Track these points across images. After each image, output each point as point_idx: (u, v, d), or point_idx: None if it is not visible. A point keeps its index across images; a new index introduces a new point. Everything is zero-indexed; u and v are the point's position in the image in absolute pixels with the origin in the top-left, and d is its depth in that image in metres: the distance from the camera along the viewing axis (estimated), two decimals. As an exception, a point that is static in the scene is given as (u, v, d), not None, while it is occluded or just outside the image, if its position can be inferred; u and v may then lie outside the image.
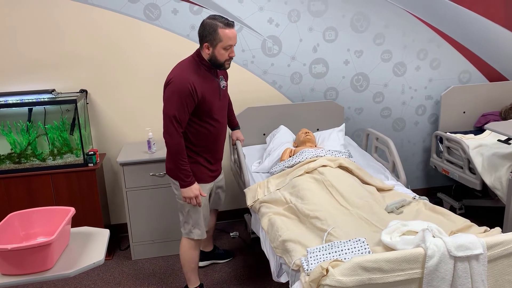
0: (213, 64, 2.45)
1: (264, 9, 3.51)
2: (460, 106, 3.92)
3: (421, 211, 2.50)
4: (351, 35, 3.71)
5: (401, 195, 2.69)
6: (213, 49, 2.39)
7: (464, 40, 3.91)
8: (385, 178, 3.03)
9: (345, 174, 2.71)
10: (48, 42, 3.28)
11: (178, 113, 2.35)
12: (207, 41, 2.37)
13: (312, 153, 2.93)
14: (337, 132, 3.44)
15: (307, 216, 2.37)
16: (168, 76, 2.42)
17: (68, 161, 3.23)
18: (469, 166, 3.45)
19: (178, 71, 2.41)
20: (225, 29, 2.34)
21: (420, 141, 4.10)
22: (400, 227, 2.03)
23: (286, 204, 2.57)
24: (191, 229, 2.66)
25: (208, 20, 2.37)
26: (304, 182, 2.64)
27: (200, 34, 2.40)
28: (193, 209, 2.61)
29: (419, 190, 4.19)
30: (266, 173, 3.19)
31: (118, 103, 3.49)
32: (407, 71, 3.89)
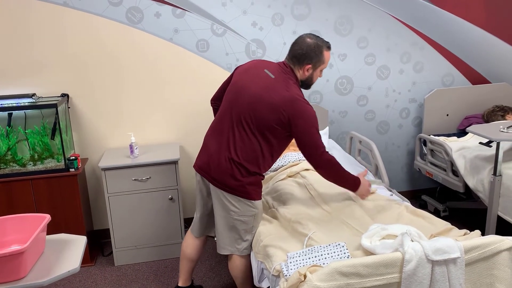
0: (304, 84, 2.34)
1: (247, 13, 3.51)
2: (443, 109, 3.94)
3: (403, 214, 2.50)
4: (334, 38, 3.72)
5: (383, 198, 2.69)
6: (313, 71, 2.29)
7: (447, 43, 3.94)
8: (368, 181, 3.03)
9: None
10: (27, 46, 3.24)
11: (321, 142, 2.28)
12: (311, 63, 2.25)
13: (295, 157, 2.93)
14: (321, 135, 3.43)
15: (288, 220, 2.36)
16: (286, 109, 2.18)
17: (49, 166, 3.19)
18: (452, 169, 3.47)
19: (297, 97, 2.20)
20: (328, 52, 2.28)
21: (404, 144, 4.11)
22: (379, 231, 2.03)
23: (268, 208, 2.57)
24: (248, 246, 2.40)
25: (310, 40, 2.23)
26: (287, 186, 2.64)
27: (303, 55, 2.23)
28: (257, 223, 2.38)
29: (403, 193, 4.20)
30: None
31: (100, 107, 3.46)
32: (391, 74, 3.91)
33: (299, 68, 2.28)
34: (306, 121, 2.17)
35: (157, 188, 3.25)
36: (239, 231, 2.36)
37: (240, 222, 2.34)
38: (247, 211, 2.32)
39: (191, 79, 3.54)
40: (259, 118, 2.21)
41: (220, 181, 2.29)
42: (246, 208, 2.32)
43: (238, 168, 2.26)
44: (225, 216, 2.35)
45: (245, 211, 2.32)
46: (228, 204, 2.32)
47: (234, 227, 2.35)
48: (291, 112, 2.17)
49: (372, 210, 2.56)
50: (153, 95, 3.51)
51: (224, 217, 2.36)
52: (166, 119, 3.57)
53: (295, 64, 2.28)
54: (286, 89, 2.21)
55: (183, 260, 2.69)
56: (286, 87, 2.22)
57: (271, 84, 2.23)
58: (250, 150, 2.25)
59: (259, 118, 2.21)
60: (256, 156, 2.27)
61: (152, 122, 3.56)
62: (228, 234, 2.38)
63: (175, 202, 3.30)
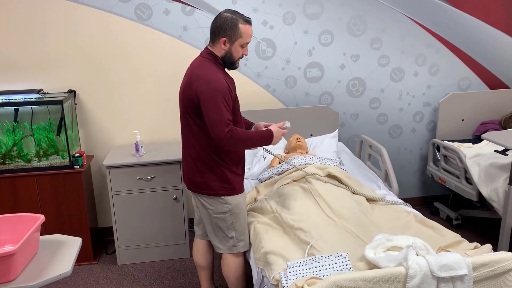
0: (226, 61, 2.27)
1: (258, 11, 3.43)
2: (458, 114, 3.82)
3: (411, 223, 2.41)
4: (347, 39, 3.62)
5: (391, 206, 2.60)
6: (230, 45, 2.22)
7: (464, 46, 3.80)
8: (377, 187, 2.95)
9: (334, 183, 2.62)
10: (36, 41, 3.22)
11: (227, 115, 2.15)
12: (226, 35, 2.19)
13: (302, 161, 2.85)
14: (330, 138, 3.36)
15: (291, 227, 2.29)
16: (194, 84, 2.18)
17: (54, 163, 3.17)
18: (466, 176, 3.35)
19: (205, 73, 2.18)
20: (245, 25, 2.22)
21: (417, 149, 4.00)
22: (384, 242, 1.94)
23: (271, 213, 2.49)
24: (235, 242, 2.39)
25: (226, 14, 2.20)
26: (291, 190, 2.56)
27: (217, 28, 2.20)
28: (236, 219, 2.37)
29: (415, 199, 4.09)
30: (255, 179, 3.11)
31: (107, 104, 3.43)
32: (405, 77, 3.80)
33: (217, 43, 2.23)
34: (208, 94, 2.14)
35: (161, 188, 3.20)
36: (222, 229, 2.39)
37: (218, 219, 2.37)
38: (221, 208, 2.35)
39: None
40: (185, 105, 2.25)
41: (189, 182, 2.38)
42: (219, 205, 2.34)
43: (196, 164, 2.31)
44: (206, 215, 2.40)
45: (219, 208, 2.35)
46: (204, 203, 2.37)
47: (217, 226, 2.40)
48: (196, 85, 2.17)
49: (379, 218, 2.48)
50: (161, 93, 3.46)
51: (206, 216, 2.41)
52: (173, 117, 3.52)
53: (214, 41, 2.25)
54: (197, 69, 2.23)
55: (197, 270, 2.70)
56: (197, 67, 2.23)
57: (188, 72, 2.28)
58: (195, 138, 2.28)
59: (185, 105, 2.25)
60: (203, 144, 2.26)
61: (159, 120, 3.52)
62: (215, 233, 2.42)
63: (180, 202, 3.25)
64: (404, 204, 2.69)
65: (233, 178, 2.33)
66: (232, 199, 2.34)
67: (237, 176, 2.36)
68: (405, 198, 4.01)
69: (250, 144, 2.27)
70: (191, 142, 2.31)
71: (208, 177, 2.30)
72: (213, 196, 2.33)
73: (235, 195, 2.35)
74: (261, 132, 2.30)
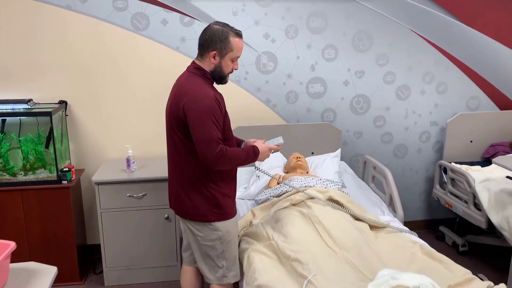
0: (215, 76, 2.13)
1: (260, 24, 3.29)
2: (467, 135, 3.65)
3: (417, 255, 2.24)
4: (352, 54, 3.47)
5: (396, 235, 2.43)
6: (220, 59, 2.07)
7: (474, 64, 3.65)
8: (381, 212, 2.78)
9: (335, 209, 2.46)
10: (27, 49, 3.09)
11: (216, 133, 2.01)
12: (216, 49, 2.05)
13: (301, 182, 2.68)
14: (332, 158, 3.19)
15: (287, 257, 2.12)
16: (182, 100, 2.03)
17: (41, 177, 3.01)
18: (474, 202, 3.17)
19: (193, 89, 2.04)
20: (236, 38, 2.08)
21: (423, 170, 3.83)
22: (389, 280, 1.78)
23: (267, 240, 2.32)
24: (225, 272, 2.23)
25: (216, 26, 2.06)
26: (289, 216, 2.39)
27: (206, 41, 2.06)
28: (227, 247, 2.20)
29: (420, 222, 3.91)
30: (251, 200, 2.94)
31: (99, 116, 3.28)
32: (411, 95, 3.64)
33: (206, 57, 2.09)
34: (197, 111, 1.99)
35: (153, 206, 3.04)
36: (212, 258, 2.22)
37: (208, 247, 2.20)
38: (210, 235, 2.17)
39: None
40: (172, 123, 2.11)
41: (177, 207, 2.23)
42: (208, 232, 2.17)
43: (184, 187, 2.15)
44: (195, 242, 2.23)
45: (208, 235, 2.18)
46: (192, 229, 2.20)
47: (206, 254, 2.22)
48: (184, 102, 2.02)
49: (382, 248, 2.31)
50: (156, 106, 3.31)
51: (194, 243, 2.24)
52: (168, 132, 3.37)
53: (202, 54, 2.10)
54: (185, 84, 2.09)
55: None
56: (185, 83, 2.10)
57: (175, 88, 2.15)
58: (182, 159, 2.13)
59: (172, 123, 2.11)
60: (191, 165, 2.11)
61: (153, 134, 3.36)
62: (205, 261, 2.25)
63: (172, 222, 3.08)
64: (410, 232, 2.52)
65: (225, 202, 2.16)
66: (223, 225, 2.17)
67: (229, 200, 2.19)
68: (409, 221, 3.83)
69: (237, 163, 2.12)
70: (178, 162, 2.15)
71: (197, 201, 2.13)
72: (202, 222, 2.16)
73: (226, 221, 2.18)
74: (246, 149, 2.15)
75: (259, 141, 2.26)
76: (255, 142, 2.25)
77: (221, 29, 2.06)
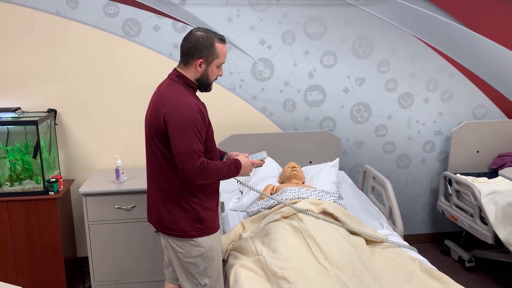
0: (201, 84, 2.02)
1: (255, 29, 3.19)
2: (473, 144, 3.49)
3: (415, 273, 2.10)
4: (352, 60, 3.35)
5: (394, 250, 2.28)
6: (206, 67, 1.97)
7: (480, 70, 3.50)
8: (380, 225, 2.63)
9: (329, 222, 2.32)
10: (16, 56, 3.01)
11: (198, 145, 1.90)
12: (202, 56, 1.94)
13: (295, 193, 2.55)
14: (329, 167, 3.05)
15: (275, 274, 1.99)
16: (162, 110, 1.92)
17: (27, 188, 2.92)
18: (481, 215, 3.01)
19: (175, 98, 1.93)
20: (220, 44, 1.98)
21: (427, 181, 3.66)
22: (380, 302, 1.63)
23: (256, 255, 2.19)
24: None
25: (199, 32, 1.96)
26: (279, 229, 2.26)
27: (191, 49, 1.95)
28: (210, 264, 2.07)
29: (424, 236, 3.74)
30: (244, 211, 2.81)
31: (90, 125, 3.18)
32: (415, 103, 3.50)
33: (190, 65, 1.98)
34: (178, 122, 1.88)
35: (142, 219, 2.92)
36: (194, 275, 2.08)
37: (190, 264, 2.07)
38: (192, 251, 2.04)
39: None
40: (151, 133, 2.00)
41: (157, 222, 2.09)
42: (190, 248, 2.04)
43: (164, 201, 2.03)
44: (176, 259, 2.10)
45: (190, 252, 2.04)
46: (173, 245, 2.07)
47: (188, 271, 2.09)
48: (165, 111, 1.91)
49: (379, 265, 2.16)
50: (148, 114, 3.21)
51: (176, 259, 2.10)
52: (161, 141, 3.26)
53: (186, 62, 1.98)
54: (166, 93, 1.98)
55: None
56: (166, 91, 1.98)
57: (155, 97, 2.04)
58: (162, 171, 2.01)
59: (151, 133, 2.00)
60: (171, 178, 1.98)
61: (144, 144, 3.25)
62: (187, 279, 2.10)
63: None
64: (409, 247, 2.37)
65: (207, 216, 2.03)
66: (205, 241, 2.04)
67: (211, 214, 2.06)
68: (413, 235, 3.67)
69: (218, 177, 2.00)
70: (157, 175, 2.03)
71: (177, 216, 2.00)
72: (183, 238, 2.02)
73: (208, 236, 2.04)
74: (228, 163, 2.03)
75: (242, 154, 2.14)
76: (238, 156, 2.13)
77: (205, 35, 1.96)
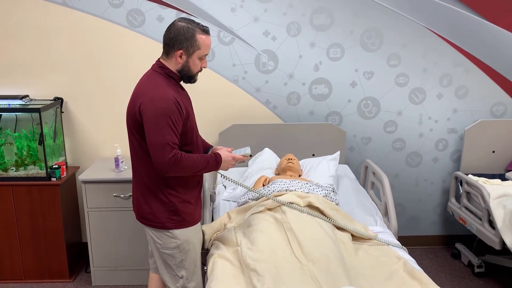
0: (183, 76, 2.02)
1: (259, 20, 3.15)
2: (488, 144, 3.30)
3: (397, 272, 2.00)
4: (360, 53, 3.24)
5: (382, 248, 2.19)
6: (187, 58, 1.96)
7: (500, 66, 3.30)
8: (374, 222, 2.54)
9: (313, 216, 2.25)
10: (25, 46, 3.10)
11: (171, 137, 1.88)
12: (182, 47, 1.93)
13: (284, 185, 2.50)
14: (328, 161, 2.97)
15: (247, 266, 1.95)
16: (138, 100, 1.92)
17: (31, 174, 3.01)
18: (489, 219, 2.84)
19: (151, 89, 1.93)
20: (203, 36, 1.96)
21: (439, 181, 3.50)
22: (341, 298, 1.56)
23: (235, 246, 2.16)
24: (185, 283, 2.12)
25: (181, 23, 1.94)
26: (261, 221, 2.21)
27: (171, 39, 1.94)
28: (186, 256, 2.09)
29: (435, 238, 3.58)
30: (236, 201, 2.78)
31: (95, 114, 3.25)
32: (427, 99, 3.35)
33: (172, 56, 1.97)
34: (152, 113, 1.87)
35: (139, 207, 2.95)
36: (171, 267, 2.10)
37: (167, 255, 2.08)
38: (169, 243, 2.05)
39: (193, 90, 3.21)
40: (130, 124, 2.00)
41: (137, 212, 2.11)
42: (167, 240, 2.05)
43: (142, 192, 2.05)
44: (156, 250, 2.12)
45: (166, 243, 2.06)
46: (153, 236, 2.09)
47: (166, 262, 2.10)
48: (140, 102, 1.91)
49: (361, 263, 2.08)
50: (151, 105, 3.24)
51: (155, 250, 2.12)
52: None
53: (168, 53, 1.97)
54: (144, 84, 1.98)
55: None
56: (144, 82, 1.99)
57: (136, 86, 2.03)
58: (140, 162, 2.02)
59: (130, 124, 2.00)
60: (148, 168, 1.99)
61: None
62: (166, 270, 2.12)
63: (158, 224, 2.98)
64: (399, 246, 2.27)
65: (184, 209, 2.02)
66: (181, 233, 2.03)
67: (189, 206, 2.05)
68: (422, 236, 3.52)
69: (194, 171, 1.97)
70: (136, 166, 2.04)
71: (155, 207, 2.01)
72: (160, 229, 2.03)
73: (185, 228, 2.04)
74: (207, 157, 2.00)
75: (225, 149, 2.12)
76: (220, 150, 2.10)
77: (187, 26, 1.94)
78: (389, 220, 2.54)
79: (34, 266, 3.09)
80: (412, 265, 2.05)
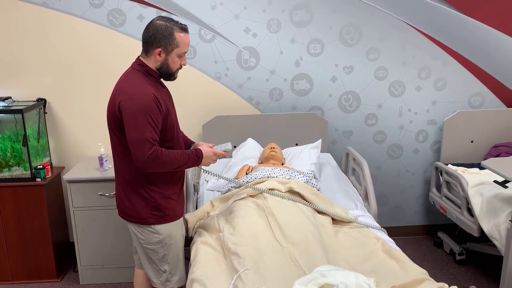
0: (163, 73, 2.05)
1: (240, 17, 3.20)
2: (467, 134, 3.38)
3: (376, 253, 2.06)
4: (339, 48, 3.30)
5: (361, 230, 2.24)
6: (166, 56, 1.99)
7: (476, 57, 3.38)
8: (354, 206, 2.59)
9: (294, 201, 2.30)
10: (5, 47, 3.12)
11: (151, 134, 1.91)
12: (161, 46, 1.97)
13: (265, 173, 2.54)
14: (310, 149, 3.01)
15: (228, 250, 2.00)
16: (118, 98, 1.95)
17: (15, 175, 3.02)
18: (468, 207, 2.90)
19: (131, 87, 1.96)
20: (181, 33, 1.99)
21: (420, 171, 3.57)
22: (318, 277, 1.61)
23: (218, 232, 2.21)
24: (168, 277, 2.16)
25: (159, 21, 1.97)
26: (243, 207, 2.26)
27: (150, 38, 1.97)
28: (168, 251, 2.12)
29: (418, 227, 3.64)
30: (219, 191, 2.82)
31: (79, 114, 3.27)
32: (406, 91, 3.42)
33: (150, 54, 2.00)
34: (131, 110, 1.90)
35: (124, 204, 2.97)
36: (155, 261, 2.13)
37: (150, 251, 2.11)
38: (151, 238, 2.09)
39: (174, 88, 3.25)
40: (110, 121, 2.03)
41: (119, 208, 2.15)
42: (149, 235, 2.08)
43: (124, 188, 2.08)
44: (139, 245, 2.15)
45: (149, 238, 2.09)
46: (135, 232, 2.12)
47: (149, 257, 2.14)
48: (119, 99, 1.94)
49: (340, 245, 2.14)
50: (135, 103, 3.27)
51: (139, 246, 2.16)
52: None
53: (147, 51, 2.01)
54: (123, 81, 2.02)
55: None
56: (123, 80, 2.02)
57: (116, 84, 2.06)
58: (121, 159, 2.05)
59: (110, 121, 2.03)
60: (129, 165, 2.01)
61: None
62: (149, 265, 2.16)
63: (144, 221, 3.00)
64: (378, 228, 2.32)
65: (165, 205, 2.06)
66: (163, 228, 2.07)
67: (171, 202, 2.08)
68: (405, 226, 3.59)
69: (174, 167, 2.00)
70: (118, 163, 2.08)
71: (136, 203, 2.05)
72: (141, 225, 2.07)
73: (167, 224, 2.08)
74: (187, 153, 2.04)
75: (206, 144, 2.16)
76: (200, 146, 2.15)
77: (165, 24, 1.97)
78: (369, 204, 2.60)
79: (21, 267, 3.10)
80: (390, 245, 2.11)
